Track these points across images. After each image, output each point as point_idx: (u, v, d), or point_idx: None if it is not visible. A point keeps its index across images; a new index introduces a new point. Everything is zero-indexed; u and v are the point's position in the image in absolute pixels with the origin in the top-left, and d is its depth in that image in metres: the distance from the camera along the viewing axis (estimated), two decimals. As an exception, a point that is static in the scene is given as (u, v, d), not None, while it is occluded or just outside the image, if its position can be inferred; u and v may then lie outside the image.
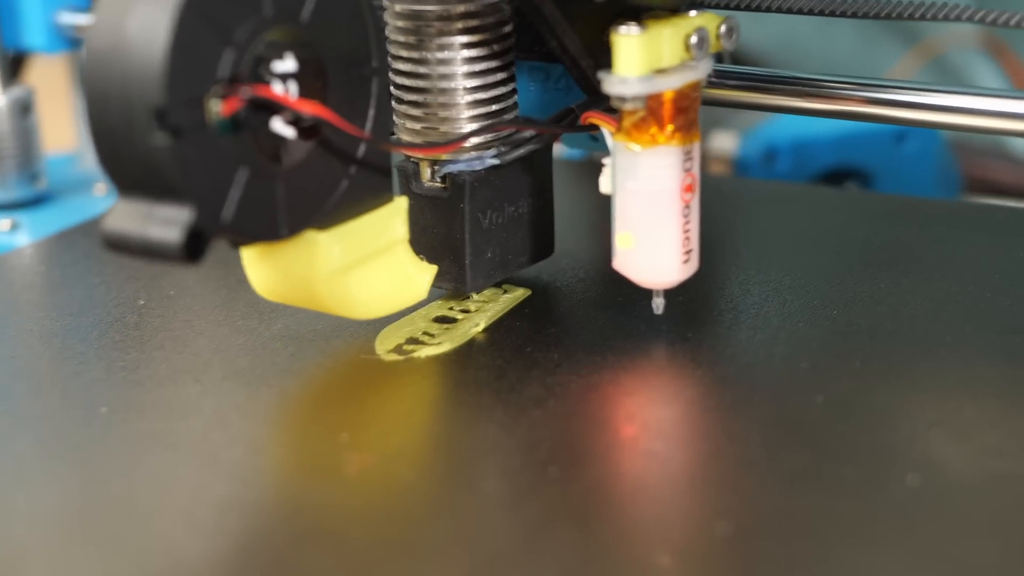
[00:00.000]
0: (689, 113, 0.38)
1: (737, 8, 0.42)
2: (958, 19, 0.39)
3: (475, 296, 0.43)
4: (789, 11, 0.41)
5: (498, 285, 0.43)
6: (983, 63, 0.86)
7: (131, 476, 0.36)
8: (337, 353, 0.40)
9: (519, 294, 0.43)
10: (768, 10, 0.42)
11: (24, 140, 0.64)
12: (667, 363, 0.40)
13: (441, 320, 0.42)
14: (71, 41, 0.66)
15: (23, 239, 0.61)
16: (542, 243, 0.43)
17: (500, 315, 0.42)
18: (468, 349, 0.41)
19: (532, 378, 0.39)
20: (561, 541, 0.32)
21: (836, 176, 0.69)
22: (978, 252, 0.47)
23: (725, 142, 0.67)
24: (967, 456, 0.34)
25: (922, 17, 0.40)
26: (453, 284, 0.41)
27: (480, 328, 0.41)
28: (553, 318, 0.43)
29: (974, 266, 0.46)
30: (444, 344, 0.41)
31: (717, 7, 0.41)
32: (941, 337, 0.41)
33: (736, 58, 0.43)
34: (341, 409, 0.38)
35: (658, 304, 0.40)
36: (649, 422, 0.37)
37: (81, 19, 0.65)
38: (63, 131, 0.75)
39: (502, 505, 0.34)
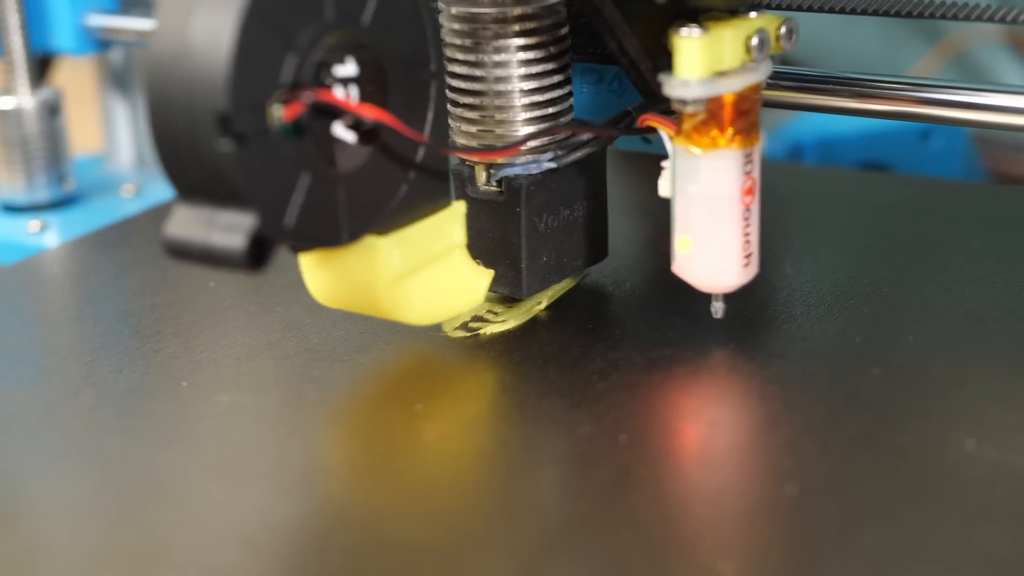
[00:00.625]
0: (750, 116, 0.38)
1: (789, 8, 0.42)
2: (979, 19, 0.40)
3: None
4: (831, 11, 0.41)
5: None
6: (1007, 59, 0.86)
7: (214, 445, 0.37)
8: (405, 330, 0.41)
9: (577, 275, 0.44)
10: (810, 10, 0.42)
11: (52, 142, 0.64)
12: (725, 338, 0.41)
13: (504, 299, 0.43)
14: (99, 43, 0.66)
15: (52, 240, 0.61)
16: (597, 246, 0.43)
17: (561, 293, 0.43)
18: (532, 326, 0.42)
19: (595, 353, 0.40)
20: (635, 503, 0.33)
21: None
22: (1022, 232, 0.48)
23: None
24: (1020, 423, 0.36)
25: (943, 16, 0.41)
26: (509, 288, 0.41)
27: (543, 306, 0.42)
28: (612, 298, 0.44)
29: (1020, 245, 0.47)
30: (509, 321, 0.42)
31: (768, 7, 0.41)
32: (991, 311, 0.42)
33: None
34: (413, 382, 0.40)
35: (717, 308, 0.40)
36: (711, 393, 0.39)
37: (109, 21, 0.65)
38: (91, 133, 0.75)
39: (576, 470, 0.35)
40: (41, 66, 0.66)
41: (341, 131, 0.36)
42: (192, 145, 0.34)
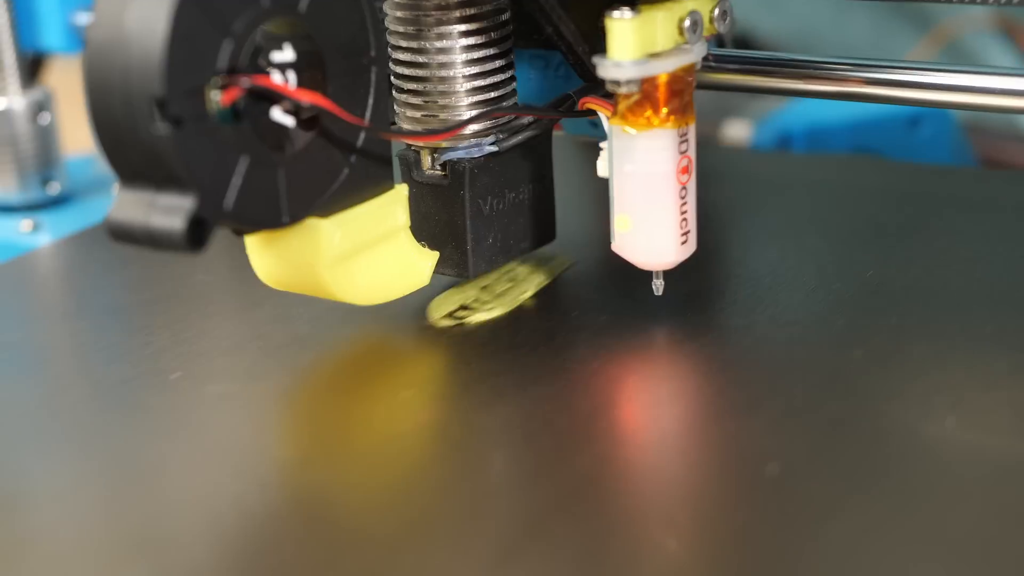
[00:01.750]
0: (684, 96, 0.39)
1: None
2: (972, 2, 0.40)
3: (521, 265, 0.44)
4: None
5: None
6: (999, 45, 0.86)
7: (204, 435, 0.38)
8: (392, 319, 0.42)
9: (563, 262, 0.45)
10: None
11: (43, 141, 0.65)
12: (711, 322, 0.41)
13: (491, 288, 0.43)
14: (89, 41, 0.67)
15: (44, 240, 0.62)
16: (543, 228, 0.43)
17: (547, 282, 0.44)
18: (518, 314, 0.42)
19: (580, 340, 0.40)
20: (611, 492, 0.33)
21: (851, 160, 0.69)
22: (1008, 216, 0.49)
23: (739, 130, 0.67)
24: (999, 405, 0.36)
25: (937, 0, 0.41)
26: (455, 270, 0.42)
27: (529, 294, 0.43)
28: (595, 286, 0.44)
29: (1004, 229, 0.47)
30: (495, 309, 0.42)
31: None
32: (974, 294, 0.42)
33: (752, 46, 0.43)
34: (398, 370, 0.40)
35: (657, 286, 0.41)
36: (694, 376, 0.39)
37: (99, 19, 0.66)
38: (82, 132, 0.76)
39: (551, 459, 0.35)
40: (32, 66, 0.67)
41: (280, 116, 0.36)
42: (130, 130, 0.35)
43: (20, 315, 0.47)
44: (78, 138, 0.77)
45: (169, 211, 0.35)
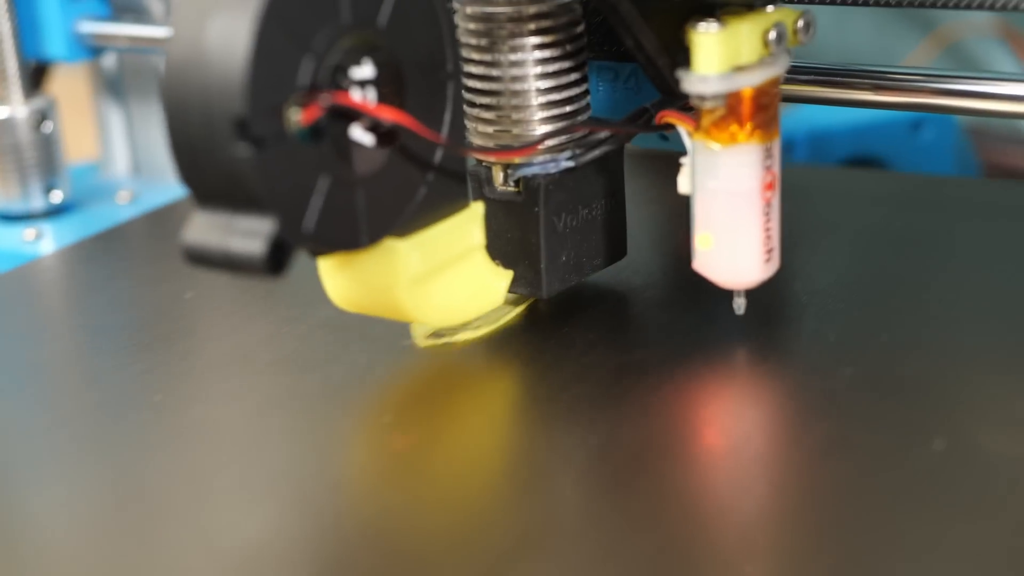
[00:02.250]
0: (769, 110, 0.38)
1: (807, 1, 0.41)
2: (968, 7, 0.40)
3: None
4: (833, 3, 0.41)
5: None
6: (999, 50, 0.86)
7: (186, 459, 0.37)
8: (378, 340, 0.41)
9: None
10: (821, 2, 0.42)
11: (46, 150, 0.63)
12: (697, 340, 0.40)
13: None
14: (91, 49, 0.65)
15: (48, 248, 0.60)
16: (615, 245, 0.42)
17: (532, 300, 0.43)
18: (506, 333, 0.41)
19: (570, 357, 0.39)
20: (601, 512, 0.33)
21: (853, 167, 0.68)
22: (1003, 229, 0.48)
23: None
24: (992, 424, 0.35)
25: (934, 5, 0.41)
26: (528, 289, 0.41)
27: (518, 311, 0.42)
28: (588, 300, 0.43)
29: (999, 242, 0.47)
30: (482, 328, 0.41)
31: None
32: (968, 310, 0.41)
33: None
34: (383, 393, 0.39)
35: (739, 304, 0.40)
36: (679, 397, 0.38)
37: (101, 27, 0.65)
38: (86, 140, 0.75)
39: (542, 477, 0.35)
40: (36, 75, 0.65)
41: (359, 134, 0.35)
42: (209, 151, 0.33)
43: (19, 327, 0.46)
44: (81, 146, 0.76)
45: (249, 234, 0.34)
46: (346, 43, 0.35)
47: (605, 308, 0.43)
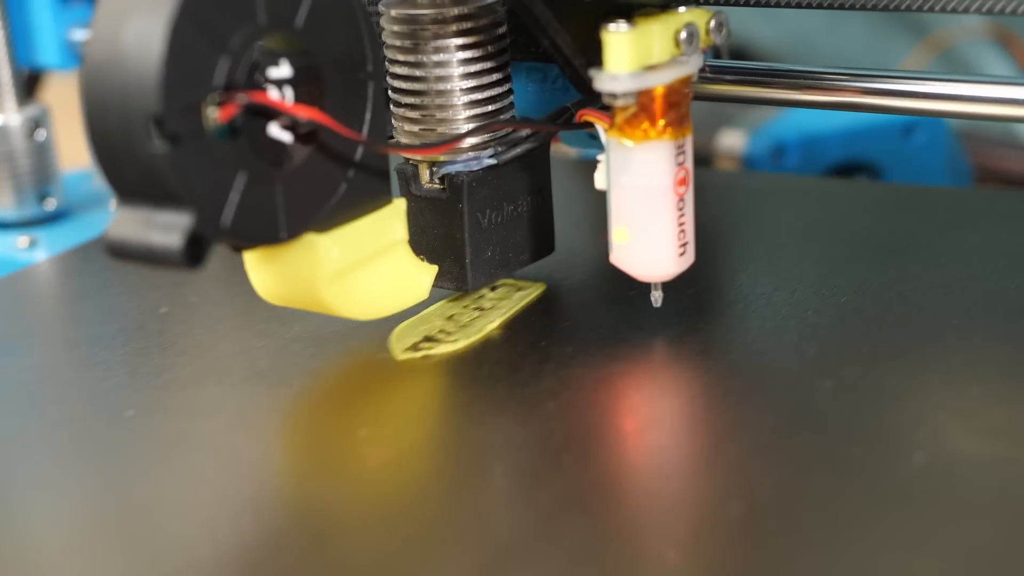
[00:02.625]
0: (681, 108, 0.38)
1: (737, 4, 0.42)
2: (966, 11, 0.40)
3: (489, 294, 0.43)
4: (788, 5, 0.42)
5: (513, 282, 0.44)
6: (993, 54, 0.86)
7: (156, 476, 0.37)
8: (354, 353, 0.41)
9: (533, 291, 0.44)
10: (767, 5, 0.42)
11: (39, 158, 0.65)
12: (678, 354, 0.40)
13: (456, 318, 0.42)
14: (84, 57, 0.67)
15: (41, 256, 0.61)
16: (542, 241, 0.43)
17: (515, 312, 0.43)
18: (484, 346, 0.41)
19: (546, 372, 0.39)
20: (574, 528, 0.33)
21: (845, 171, 0.69)
22: (984, 238, 0.47)
23: (733, 140, 0.67)
24: (972, 436, 0.35)
25: (930, 9, 0.40)
26: (454, 284, 0.42)
27: (495, 325, 0.42)
28: (567, 313, 0.43)
29: (980, 252, 0.46)
30: (460, 341, 0.41)
31: (708, 3, 0.41)
32: (948, 321, 0.41)
33: (746, 56, 0.43)
34: (359, 406, 0.39)
35: (656, 297, 0.40)
36: (660, 411, 0.38)
37: (95, 35, 0.66)
38: (79, 148, 0.76)
39: (516, 494, 0.35)
40: (29, 83, 0.67)
41: (277, 132, 0.36)
42: (128, 148, 0.34)
43: (9, 335, 0.47)
44: (75, 154, 0.77)
45: (167, 228, 0.35)
46: (264, 44, 0.36)
47: (582, 319, 0.43)
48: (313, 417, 0.39)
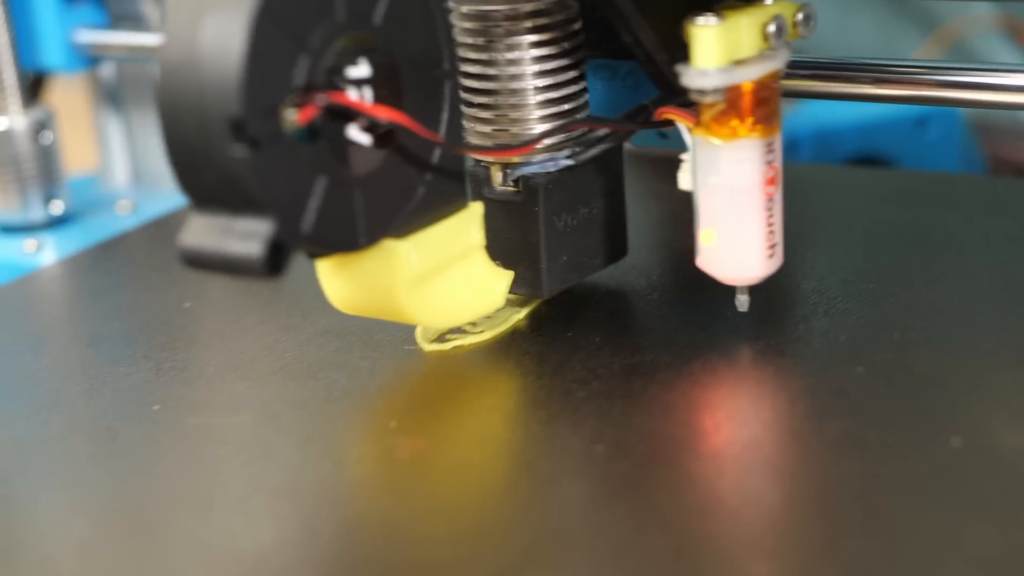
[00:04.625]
0: (770, 104, 0.38)
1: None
2: None
3: None
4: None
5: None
6: (1003, 46, 0.85)
7: (186, 469, 0.36)
8: (381, 345, 0.41)
9: None
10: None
11: (45, 161, 0.63)
12: (706, 340, 0.40)
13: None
14: (89, 59, 0.66)
15: (48, 259, 0.61)
16: (616, 244, 0.42)
17: (540, 303, 0.42)
18: (510, 337, 0.41)
19: (575, 361, 0.39)
20: (611, 516, 0.32)
21: (858, 164, 0.68)
22: (1008, 224, 0.47)
23: None
24: (1009, 420, 0.35)
25: None
26: (529, 289, 0.41)
27: (522, 315, 0.41)
28: (592, 303, 0.43)
29: (1006, 238, 0.46)
30: (486, 332, 0.41)
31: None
32: (978, 306, 0.41)
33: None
34: (387, 398, 0.39)
35: (742, 301, 0.40)
36: (694, 398, 0.38)
37: (99, 36, 0.65)
38: (85, 151, 0.75)
39: (550, 482, 0.34)
40: (34, 85, 0.65)
41: (356, 133, 0.35)
42: (205, 152, 0.33)
43: (20, 338, 0.46)
44: (80, 157, 0.76)
45: (247, 236, 0.34)
46: (342, 42, 0.35)
47: (609, 310, 0.42)
48: (342, 409, 0.39)
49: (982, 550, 0.30)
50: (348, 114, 0.35)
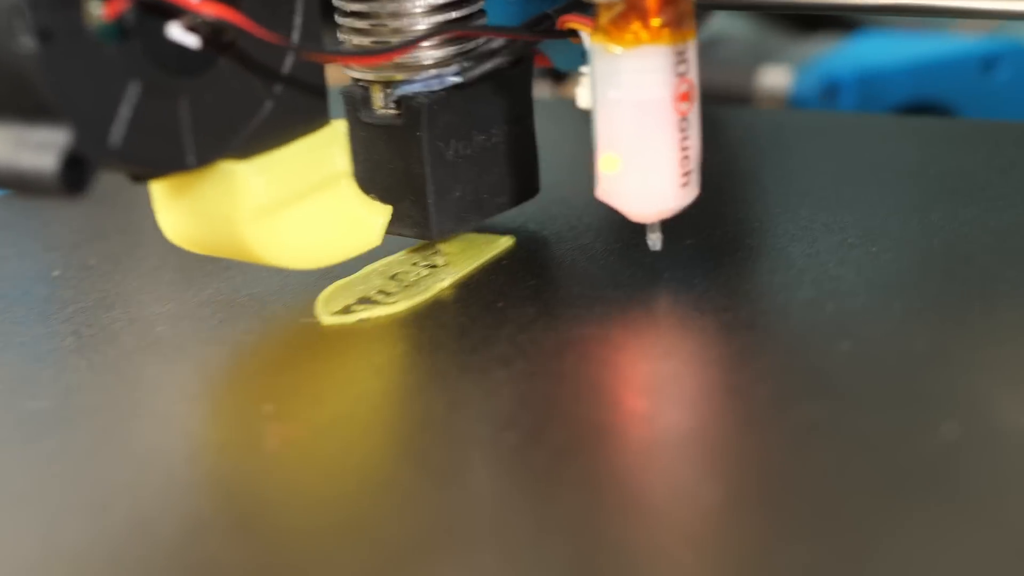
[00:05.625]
0: (679, 3, 0.33)
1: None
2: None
3: (445, 248, 0.37)
4: None
5: (475, 234, 0.38)
6: None
7: (10, 460, 0.32)
8: (273, 318, 0.36)
9: (498, 245, 0.38)
10: None
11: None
12: (664, 313, 0.34)
13: (401, 277, 0.37)
14: None
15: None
16: (524, 180, 0.38)
17: (472, 270, 0.37)
18: (429, 308, 0.36)
19: (501, 336, 0.34)
20: (508, 517, 0.27)
21: (911, 113, 0.61)
22: None
23: (776, 78, 0.60)
24: (1014, 405, 0.29)
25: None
26: (415, 230, 0.36)
27: (445, 284, 0.36)
28: (534, 269, 0.38)
29: None
30: (400, 303, 0.35)
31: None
32: (1002, 272, 0.35)
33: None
34: (267, 379, 0.34)
35: (654, 240, 0.35)
36: (635, 378, 0.32)
37: None
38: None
39: (442, 475, 0.29)
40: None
41: (179, 33, 0.31)
42: (-9, 47, 0.30)
43: None
44: None
45: (41, 148, 0.30)
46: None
47: (552, 271, 0.38)
48: (208, 390, 0.34)
49: (965, 562, 0.24)
50: (169, 9, 0.31)
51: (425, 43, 0.35)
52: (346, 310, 0.35)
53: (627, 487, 0.28)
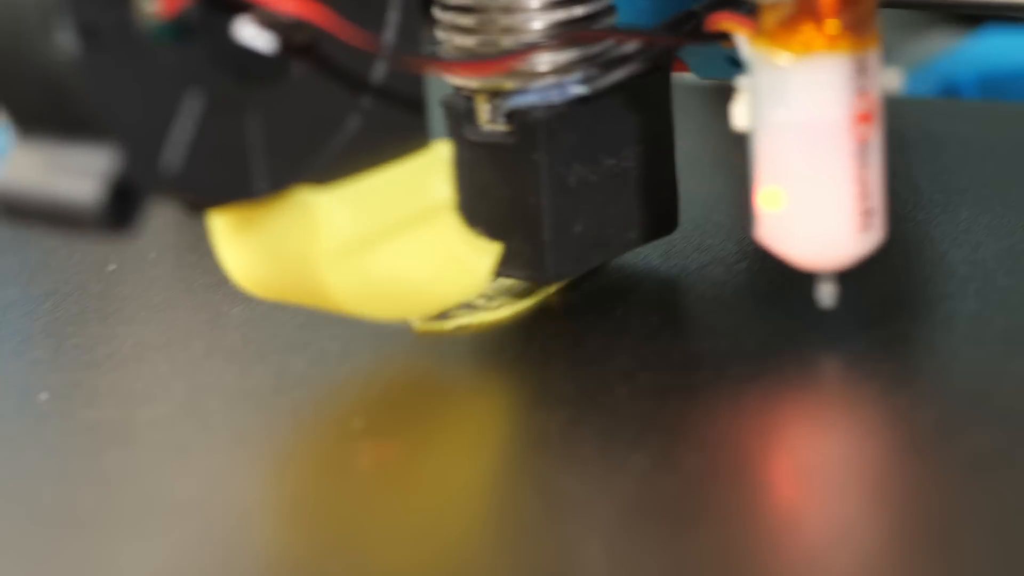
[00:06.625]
0: (861, 4, 0.29)
1: None
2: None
3: None
4: None
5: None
6: None
7: (71, 476, 0.31)
8: (359, 323, 0.35)
9: None
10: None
11: None
12: (806, 325, 0.34)
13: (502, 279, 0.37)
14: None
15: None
16: (660, 213, 0.35)
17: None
18: (536, 315, 0.35)
19: (621, 347, 0.33)
20: (640, 551, 0.27)
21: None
22: None
23: (887, 80, 0.58)
24: None
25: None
26: (526, 271, 0.34)
27: (552, 288, 0.36)
28: (657, 276, 0.37)
29: None
30: (503, 308, 0.35)
31: None
32: None
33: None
34: (356, 390, 0.34)
35: (827, 293, 0.31)
36: (772, 397, 0.32)
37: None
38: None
39: (563, 503, 0.28)
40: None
41: (250, 35, 0.29)
42: (23, 50, 0.26)
43: None
44: None
45: (79, 173, 0.27)
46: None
47: (676, 282, 0.37)
48: (293, 403, 0.33)
49: None
50: (237, 5, 0.28)
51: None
52: (442, 315, 0.35)
53: (774, 522, 0.28)
